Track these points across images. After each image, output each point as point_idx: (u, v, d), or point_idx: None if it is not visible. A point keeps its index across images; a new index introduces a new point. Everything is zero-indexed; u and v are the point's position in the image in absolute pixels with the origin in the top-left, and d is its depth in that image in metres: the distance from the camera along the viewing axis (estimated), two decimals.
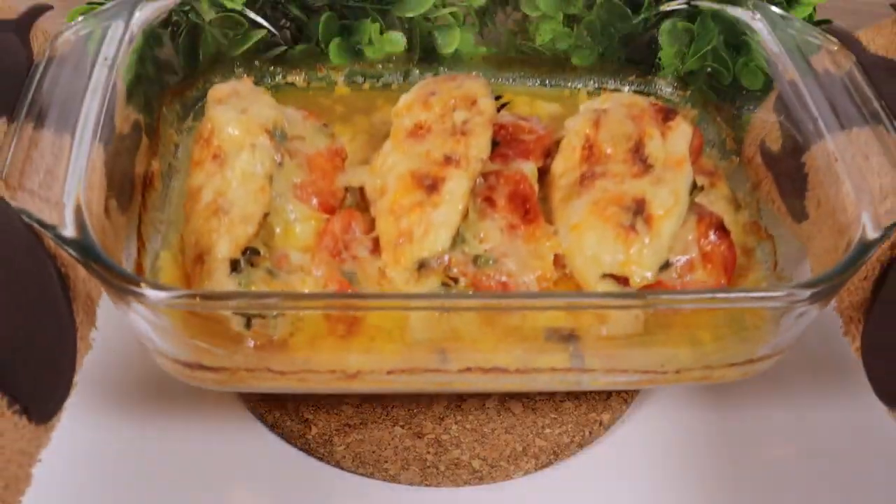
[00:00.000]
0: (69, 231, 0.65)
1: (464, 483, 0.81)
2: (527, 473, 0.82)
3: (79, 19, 0.84)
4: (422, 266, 0.78)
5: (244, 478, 0.81)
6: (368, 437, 0.82)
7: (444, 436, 0.83)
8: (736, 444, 0.84)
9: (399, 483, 0.81)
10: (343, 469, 0.82)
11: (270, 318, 0.71)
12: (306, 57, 1.02)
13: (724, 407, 0.87)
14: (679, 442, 0.84)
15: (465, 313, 0.73)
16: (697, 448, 0.84)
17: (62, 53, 0.80)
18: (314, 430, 0.82)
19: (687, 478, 0.82)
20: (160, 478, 0.80)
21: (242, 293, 0.72)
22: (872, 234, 0.69)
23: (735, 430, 0.85)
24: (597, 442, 0.85)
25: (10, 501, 0.61)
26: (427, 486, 0.81)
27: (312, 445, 0.83)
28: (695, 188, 0.83)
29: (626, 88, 1.04)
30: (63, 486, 0.78)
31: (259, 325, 0.69)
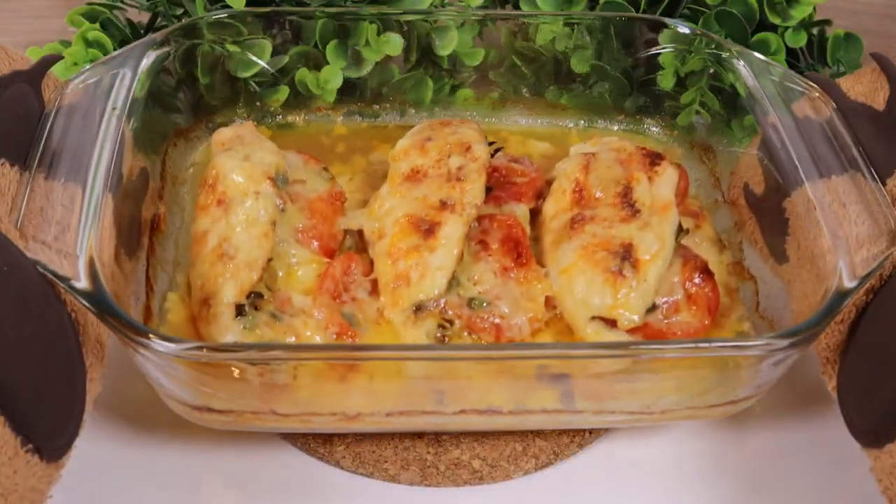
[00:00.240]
0: (82, 283, 0.68)
1: (464, 483, 0.82)
2: (527, 473, 0.83)
3: (86, 67, 0.86)
4: (419, 308, 0.81)
5: (245, 478, 0.82)
6: (368, 437, 0.83)
7: (444, 436, 0.84)
8: (731, 444, 0.86)
9: (399, 483, 0.82)
10: (343, 469, 0.83)
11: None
12: (301, 96, 1.04)
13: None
14: (679, 442, 0.86)
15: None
16: (697, 448, 0.86)
17: (72, 102, 0.82)
18: None
19: (687, 478, 0.84)
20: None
21: (249, 345, 0.74)
22: (849, 284, 0.72)
23: (729, 437, 0.87)
24: (597, 442, 0.86)
25: None
26: (427, 486, 0.82)
27: (312, 445, 0.84)
28: (681, 231, 0.86)
29: (616, 127, 1.06)
30: None
31: (264, 370, 0.72)
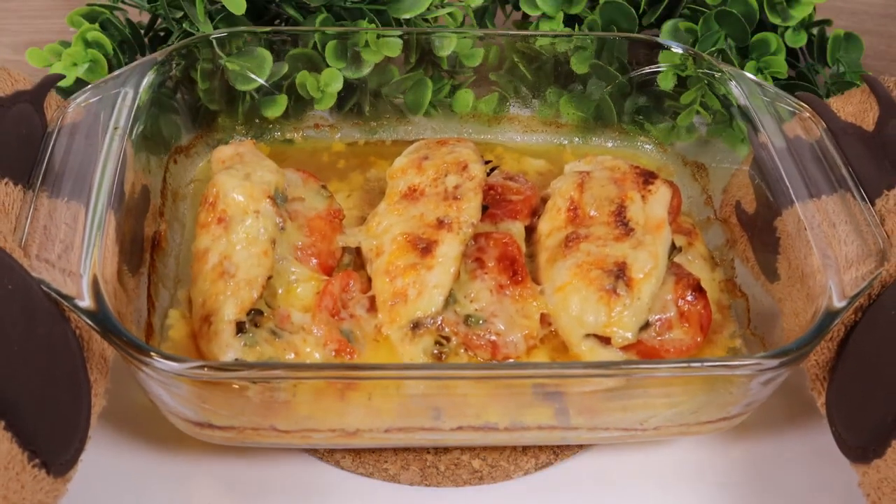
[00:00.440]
0: (86, 303, 0.69)
1: (464, 483, 0.83)
2: (527, 473, 0.84)
3: (88, 87, 0.87)
4: (416, 325, 0.82)
5: (245, 478, 0.82)
6: None
7: None
8: (732, 444, 0.86)
9: (399, 483, 0.82)
10: (343, 469, 0.83)
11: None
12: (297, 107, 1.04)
13: None
14: (679, 443, 0.87)
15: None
16: (698, 448, 0.86)
17: (74, 122, 0.83)
18: None
19: (688, 477, 0.84)
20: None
21: (250, 364, 0.75)
22: (838, 304, 0.74)
23: (730, 437, 0.87)
24: None
25: None
26: (427, 486, 0.82)
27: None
28: (673, 249, 0.87)
29: (610, 144, 1.08)
30: None
31: (265, 388, 0.73)
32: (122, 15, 1.05)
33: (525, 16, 1.14)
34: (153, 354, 0.67)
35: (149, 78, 0.89)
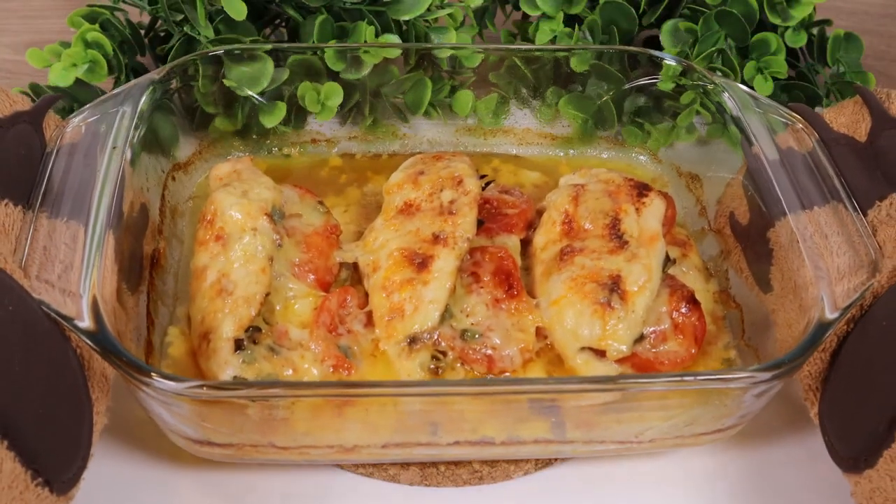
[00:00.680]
0: (86, 323, 0.70)
1: (464, 483, 0.83)
2: (527, 473, 0.84)
3: (86, 106, 0.88)
4: (413, 341, 0.83)
5: (246, 484, 0.82)
6: None
7: None
8: (734, 443, 0.86)
9: (399, 483, 0.83)
10: (343, 469, 0.84)
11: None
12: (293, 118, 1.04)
13: None
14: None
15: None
16: (698, 449, 0.86)
17: (73, 141, 0.84)
18: None
19: (688, 477, 0.84)
20: None
21: (248, 383, 0.76)
22: (830, 316, 0.74)
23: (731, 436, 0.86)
24: None
25: None
26: (427, 486, 0.83)
27: None
28: (668, 261, 0.88)
29: (605, 155, 1.08)
30: None
31: (264, 405, 0.73)
32: (123, 15, 1.06)
33: (525, 16, 1.15)
34: (152, 375, 0.68)
35: (147, 96, 0.90)
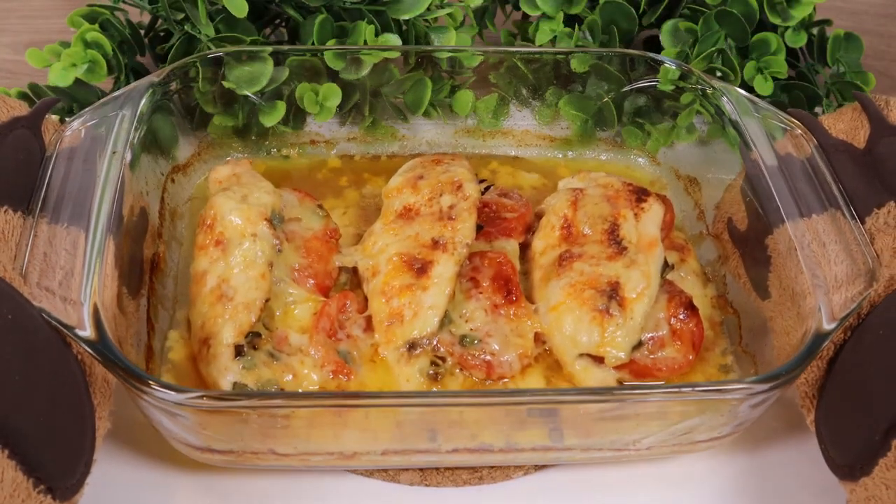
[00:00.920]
0: (87, 332, 0.70)
1: (464, 483, 0.83)
2: (527, 473, 0.84)
3: (85, 110, 0.87)
4: (412, 346, 0.83)
5: (247, 486, 0.82)
6: None
7: None
8: (730, 447, 0.86)
9: (399, 483, 0.83)
10: (343, 469, 0.83)
11: None
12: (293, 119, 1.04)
13: None
14: None
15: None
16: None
17: (72, 146, 0.84)
18: None
19: (689, 477, 0.85)
20: None
21: (248, 394, 0.77)
22: (827, 326, 0.75)
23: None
24: None
25: None
26: (427, 486, 0.83)
27: None
28: (666, 267, 0.88)
29: (604, 157, 1.08)
30: None
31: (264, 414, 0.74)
32: (123, 15, 1.05)
33: (525, 16, 1.14)
34: (153, 384, 0.68)
35: (146, 99, 0.90)
